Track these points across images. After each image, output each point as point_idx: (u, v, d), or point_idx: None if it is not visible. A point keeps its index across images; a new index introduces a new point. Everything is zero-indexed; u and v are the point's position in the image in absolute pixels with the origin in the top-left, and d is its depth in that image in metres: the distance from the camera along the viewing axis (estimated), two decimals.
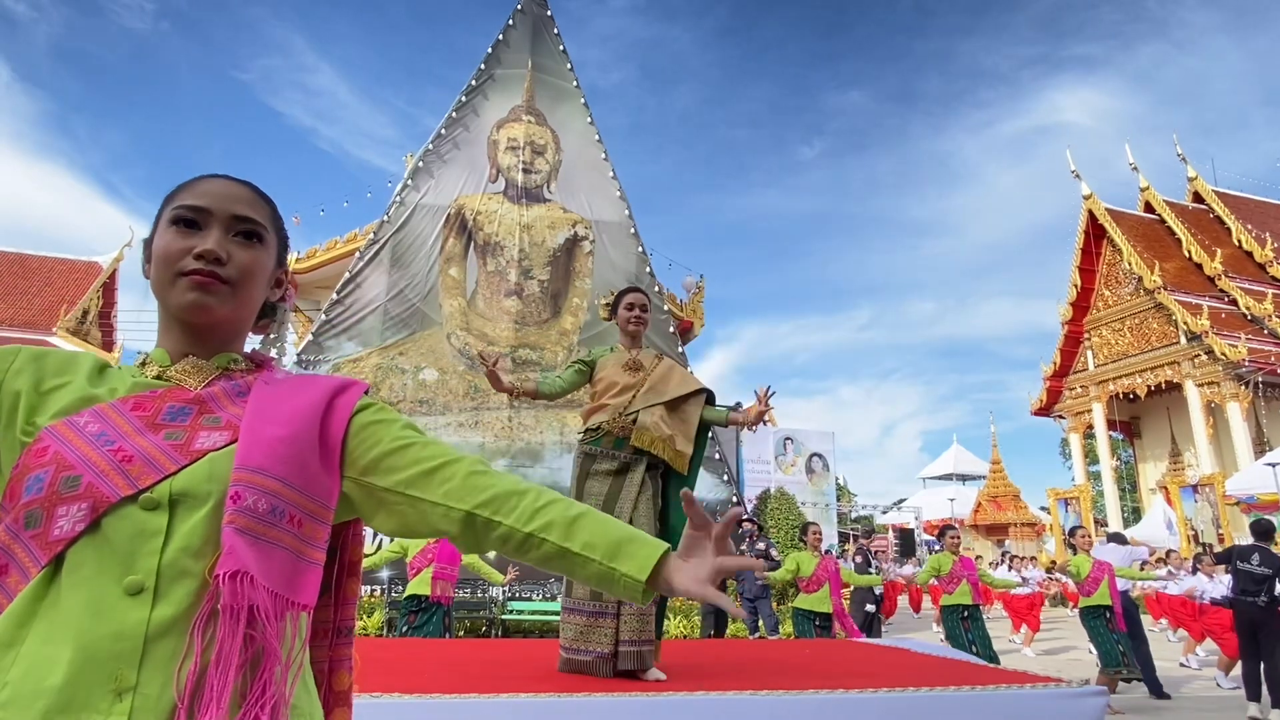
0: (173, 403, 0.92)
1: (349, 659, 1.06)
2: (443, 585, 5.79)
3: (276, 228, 1.05)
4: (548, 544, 0.91)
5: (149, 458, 0.85)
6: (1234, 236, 23.03)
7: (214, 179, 1.00)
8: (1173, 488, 19.24)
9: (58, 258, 21.92)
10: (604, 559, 0.90)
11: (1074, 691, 2.79)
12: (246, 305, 1.00)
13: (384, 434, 0.97)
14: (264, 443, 0.88)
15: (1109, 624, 6.72)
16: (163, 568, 0.80)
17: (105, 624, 0.76)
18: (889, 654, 4.23)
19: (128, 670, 0.76)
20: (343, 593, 1.05)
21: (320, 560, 0.90)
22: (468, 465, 0.95)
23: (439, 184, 13.28)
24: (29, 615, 0.78)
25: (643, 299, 3.47)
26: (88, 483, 0.81)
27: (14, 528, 0.81)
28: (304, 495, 0.89)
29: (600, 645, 3.04)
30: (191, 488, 0.84)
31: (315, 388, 0.99)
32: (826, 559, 6.79)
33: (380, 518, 0.96)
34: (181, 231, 0.95)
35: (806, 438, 21.72)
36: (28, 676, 0.74)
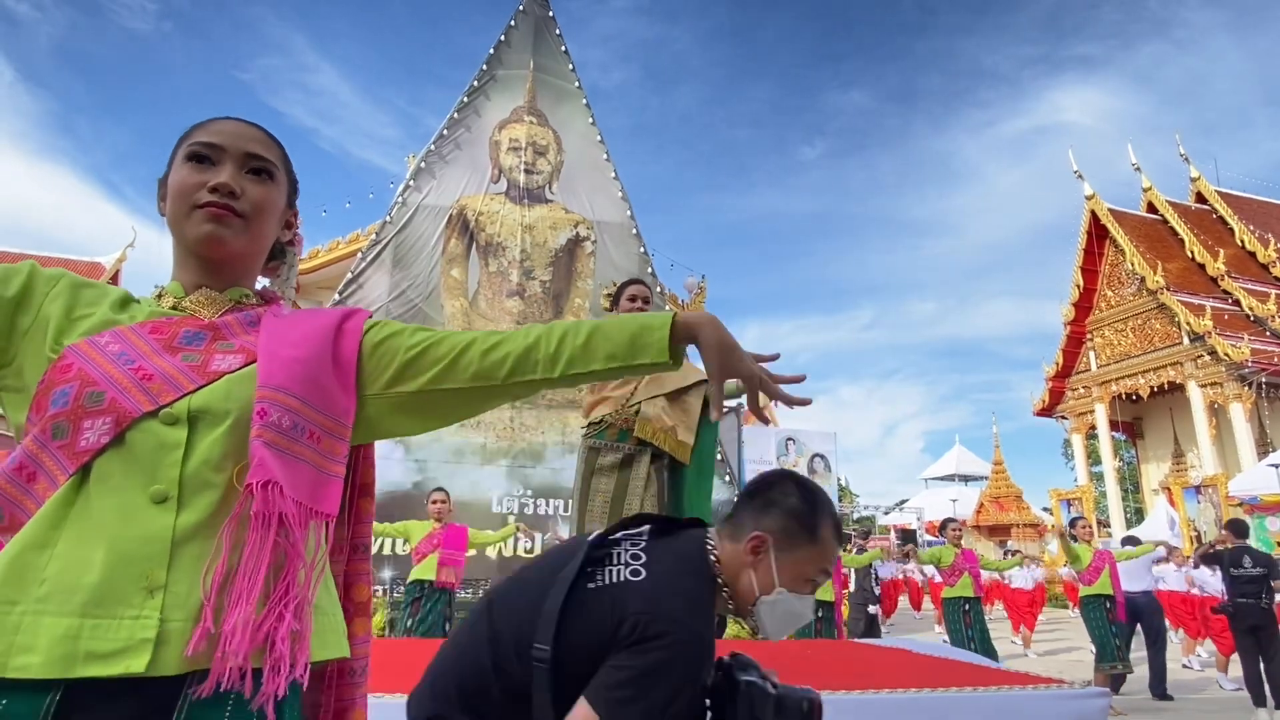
0: (188, 328, 0.97)
1: (366, 573, 1.13)
2: (449, 570, 5.75)
3: (287, 169, 1.09)
4: (580, 374, 1.00)
5: (168, 376, 0.90)
6: (1237, 237, 23.00)
7: (227, 120, 1.04)
8: (1175, 489, 19.21)
9: (61, 258, 21.95)
10: (626, 360, 1.00)
11: (1076, 693, 2.79)
12: (258, 240, 1.05)
13: (399, 344, 1.03)
14: (283, 363, 0.93)
15: (1109, 614, 6.71)
16: (185, 478, 0.85)
17: (134, 528, 0.82)
18: (889, 654, 4.23)
19: (158, 570, 0.81)
20: (356, 510, 1.11)
21: (340, 474, 0.96)
22: (480, 344, 1.02)
23: (441, 184, 13.29)
24: (60, 519, 0.82)
25: (645, 290, 3.48)
26: (111, 398, 0.86)
27: (41, 438, 0.86)
28: (321, 413, 0.94)
29: None
30: (210, 405, 0.89)
31: (323, 315, 1.05)
32: None
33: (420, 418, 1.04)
34: (196, 167, 0.99)
35: (808, 438, 21.74)
36: (65, 573, 0.79)
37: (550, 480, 12.05)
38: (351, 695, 1.06)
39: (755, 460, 20.22)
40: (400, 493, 11.27)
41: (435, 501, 5.91)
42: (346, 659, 1.03)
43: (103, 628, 0.77)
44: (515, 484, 12.00)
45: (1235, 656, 8.49)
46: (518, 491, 11.96)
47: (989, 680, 2.98)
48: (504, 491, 11.90)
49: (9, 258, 21.11)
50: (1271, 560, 6.50)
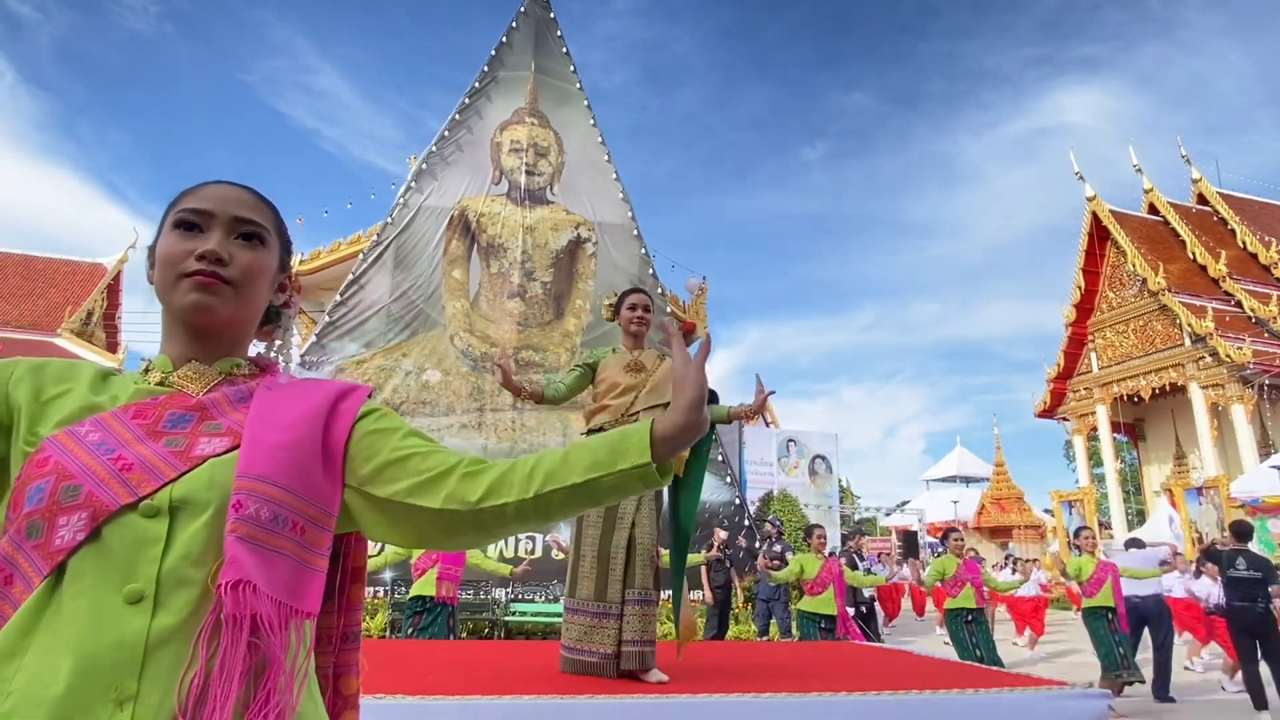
0: (174, 410, 0.92)
1: (356, 664, 1.06)
2: (447, 586, 5.80)
3: (279, 232, 1.05)
4: (558, 492, 0.91)
5: (149, 465, 0.85)
6: (1238, 238, 22.97)
7: (216, 184, 1.01)
8: (1177, 490, 19.17)
9: (62, 259, 21.97)
10: (609, 469, 0.90)
11: (1077, 694, 2.79)
12: (249, 307, 1.00)
13: (384, 444, 0.96)
14: (266, 450, 0.88)
15: (1111, 625, 6.70)
16: (163, 576, 0.80)
17: (106, 633, 0.76)
18: (891, 657, 4.23)
19: (128, 680, 0.76)
20: (347, 598, 1.05)
21: (323, 567, 0.90)
22: (463, 468, 0.94)
23: (442, 186, 13.30)
24: (31, 625, 0.78)
25: (645, 300, 3.48)
26: (88, 491, 0.81)
27: (17, 538, 0.81)
28: (306, 502, 0.89)
29: (604, 645, 3.05)
30: (192, 494, 0.84)
31: (318, 393, 0.99)
32: (830, 561, 6.80)
33: (383, 528, 0.96)
34: (184, 234, 0.96)
35: (809, 439, 21.69)
36: (30, 686, 0.74)
37: None
38: None
39: (756, 461, 20.20)
40: None
41: None
42: None
43: None
44: None
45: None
46: None
47: (991, 682, 2.98)
48: None
49: (10, 259, 21.13)
50: (1268, 564, 6.45)
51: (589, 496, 0.92)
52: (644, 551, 3.14)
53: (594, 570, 3.15)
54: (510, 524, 0.93)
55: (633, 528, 3.15)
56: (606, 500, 0.94)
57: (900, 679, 3.03)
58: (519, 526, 0.94)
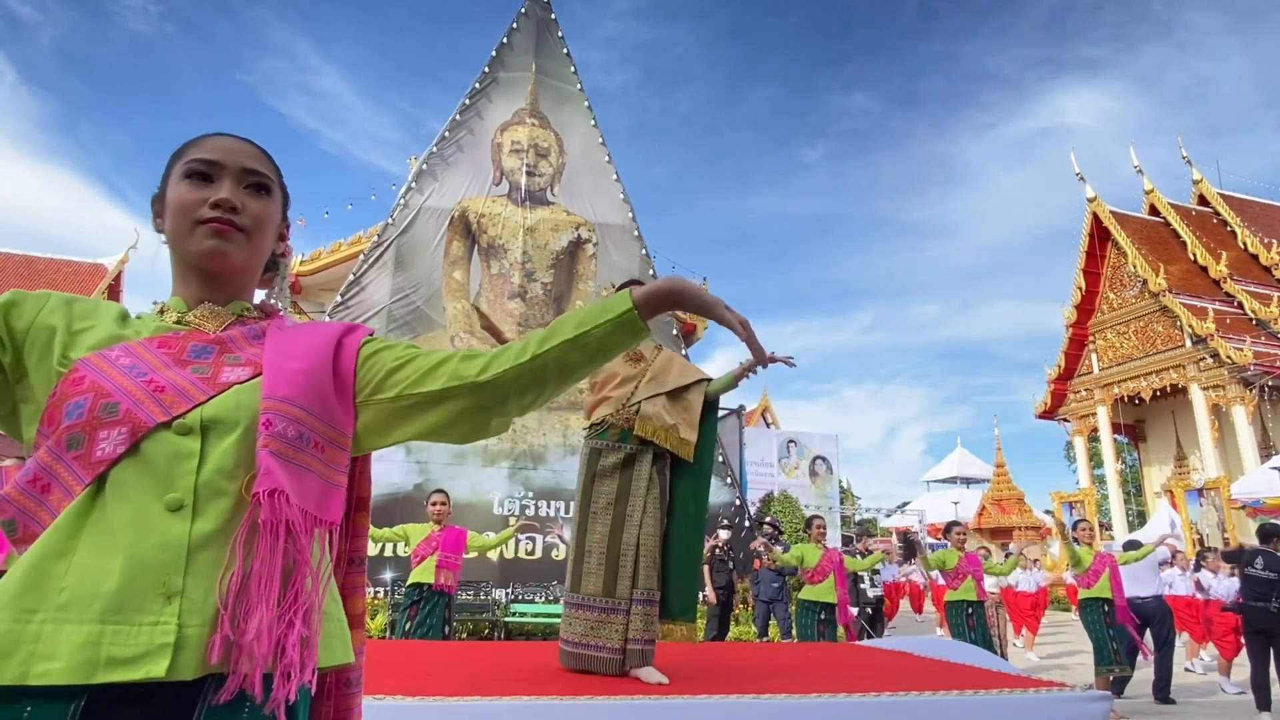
0: (196, 342, 1.00)
1: (362, 585, 1.15)
2: (446, 574, 5.78)
3: (280, 182, 1.12)
4: (551, 350, 0.98)
5: (179, 388, 0.92)
6: (1239, 239, 22.95)
7: (221, 136, 1.07)
8: (1178, 491, 19.16)
9: (63, 259, 21.99)
10: (596, 321, 0.98)
11: (1078, 696, 2.79)
12: (258, 253, 1.08)
13: (388, 355, 1.05)
14: (287, 375, 0.96)
15: (1106, 617, 6.68)
16: (199, 487, 0.87)
17: (151, 536, 0.84)
18: (892, 657, 4.22)
19: (174, 576, 0.83)
20: (353, 525, 1.13)
21: (343, 483, 0.99)
22: (460, 355, 1.03)
23: (443, 187, 13.30)
24: (77, 528, 0.84)
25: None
26: (126, 409, 0.88)
27: (56, 449, 0.88)
28: (325, 423, 0.97)
29: (611, 640, 3.06)
30: (221, 415, 0.92)
31: (326, 329, 1.08)
32: (830, 551, 6.81)
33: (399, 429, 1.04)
34: (196, 184, 1.02)
35: (810, 440, 21.69)
36: (84, 581, 0.81)
37: (552, 482, 12.06)
38: (349, 704, 1.08)
39: (756, 462, 20.20)
40: (401, 495, 11.28)
41: (434, 504, 5.92)
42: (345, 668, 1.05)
43: (123, 634, 0.79)
44: (516, 486, 12.01)
45: (1238, 661, 8.48)
46: (519, 493, 11.96)
47: (990, 683, 2.98)
48: (505, 493, 11.91)
49: (11, 260, 21.15)
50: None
51: (580, 350, 0.99)
52: (648, 552, 3.15)
53: (601, 567, 3.15)
54: (511, 395, 1.00)
55: (639, 527, 3.16)
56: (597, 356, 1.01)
57: (901, 680, 3.02)
58: (519, 399, 1.02)
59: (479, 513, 11.41)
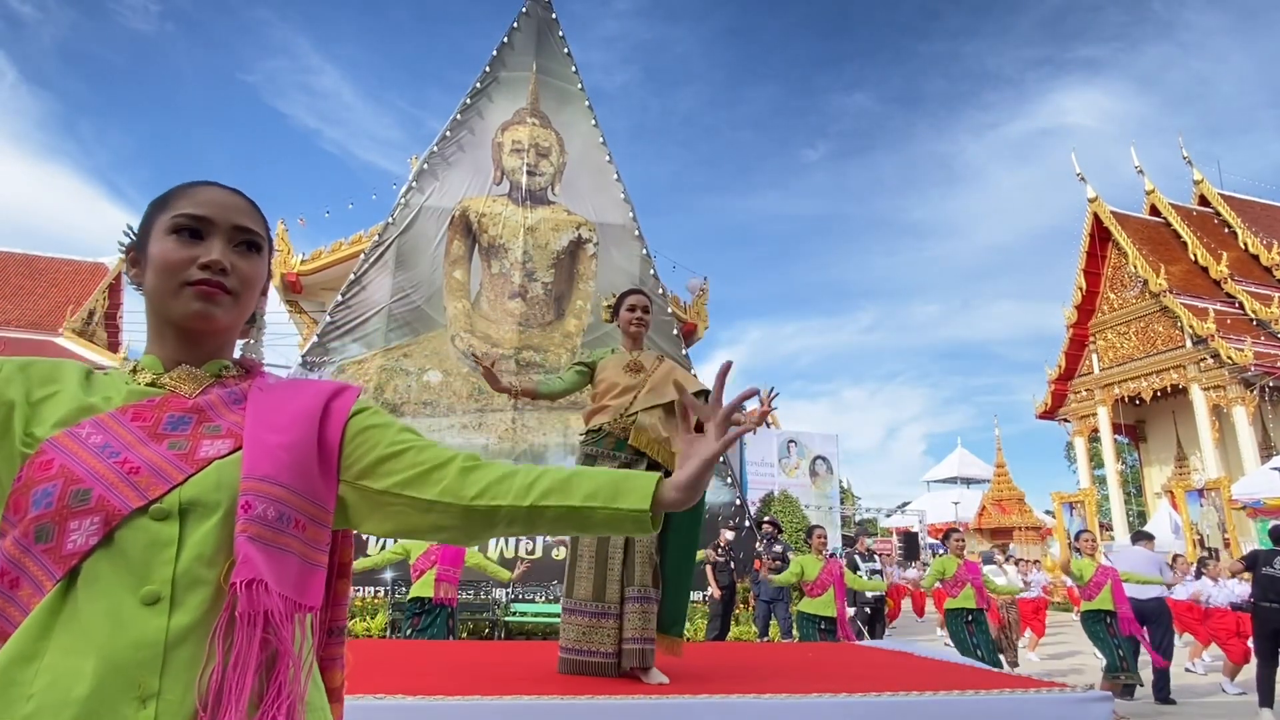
0: (172, 412, 0.93)
1: (341, 657, 1.09)
2: (446, 587, 5.81)
3: (268, 237, 1.07)
4: (551, 509, 0.94)
5: (156, 468, 0.86)
6: (1240, 240, 22.94)
7: (210, 187, 1.01)
8: (1178, 492, 19.15)
9: (64, 259, 22.00)
10: (606, 503, 0.94)
11: (1079, 697, 2.78)
12: (244, 314, 1.02)
13: (380, 438, 0.98)
14: (269, 450, 0.89)
15: (1109, 629, 6.67)
16: (178, 577, 0.82)
17: (126, 634, 0.78)
18: (892, 658, 4.22)
19: (150, 677, 0.77)
20: (333, 594, 1.07)
21: (324, 563, 0.93)
22: (460, 462, 0.97)
23: (443, 186, 13.30)
24: (47, 628, 0.78)
25: (644, 301, 3.47)
26: (98, 496, 0.82)
27: (24, 542, 0.81)
28: (307, 500, 0.91)
29: (604, 645, 3.04)
30: (200, 496, 0.86)
31: (310, 392, 1.01)
32: (831, 563, 6.79)
33: (377, 520, 0.98)
34: (184, 241, 0.96)
35: (810, 440, 21.71)
36: (53, 688, 0.75)
37: None
38: None
39: (756, 462, 20.22)
40: None
41: None
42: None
43: None
44: None
45: (1243, 664, 8.47)
46: None
47: (992, 684, 2.98)
48: None
49: (12, 259, 21.15)
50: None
51: (580, 523, 0.95)
52: (643, 549, 3.13)
53: (591, 570, 3.14)
54: (498, 526, 0.96)
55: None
56: (595, 532, 0.98)
57: (902, 680, 3.02)
58: (505, 531, 0.97)
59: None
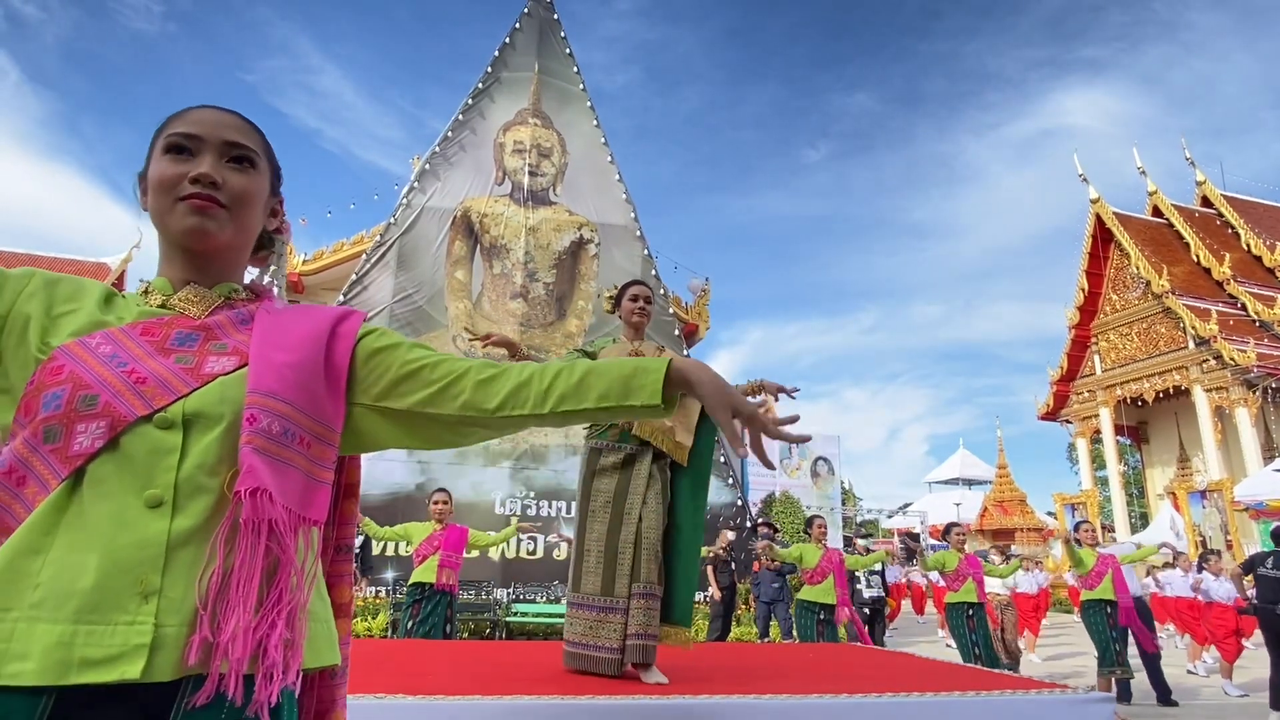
0: (180, 329, 0.96)
1: (349, 573, 1.13)
2: (448, 573, 5.80)
3: (268, 156, 1.07)
4: (572, 412, 0.98)
5: (162, 380, 0.88)
6: (1243, 241, 22.91)
7: (204, 108, 1.02)
8: (1180, 493, 19.13)
9: (67, 258, 22.01)
10: (619, 401, 0.97)
11: (1080, 698, 2.78)
12: (244, 231, 1.03)
13: (393, 359, 1.01)
14: (274, 368, 0.92)
15: (1109, 619, 6.66)
16: (180, 483, 0.84)
17: (129, 533, 0.81)
18: (893, 658, 4.21)
19: (152, 575, 0.80)
20: (341, 512, 1.11)
21: (329, 480, 0.96)
22: (475, 374, 0.99)
23: (445, 187, 13.31)
24: (53, 524, 0.81)
25: (646, 291, 3.49)
26: (105, 401, 0.85)
27: (32, 441, 0.85)
28: (312, 419, 0.93)
29: (610, 640, 3.04)
30: (204, 409, 0.88)
31: (318, 315, 1.03)
32: (831, 551, 6.78)
33: (407, 437, 1.02)
34: (176, 158, 0.97)
35: (811, 441, 21.69)
36: (59, 579, 0.78)
37: (553, 482, 12.05)
38: (332, 695, 1.06)
39: (757, 463, 20.17)
40: (403, 494, 11.28)
41: (436, 503, 5.93)
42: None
43: (97, 634, 0.77)
44: (518, 485, 12.01)
45: (1239, 664, 8.45)
46: (521, 493, 11.96)
47: (992, 685, 2.97)
48: (507, 493, 11.91)
49: (15, 259, 21.18)
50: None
51: (602, 416, 0.99)
52: (649, 545, 3.13)
53: (599, 565, 3.14)
54: (522, 428, 1.02)
55: (639, 521, 3.14)
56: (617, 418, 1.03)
57: (902, 681, 3.02)
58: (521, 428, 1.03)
59: (481, 512, 11.40)
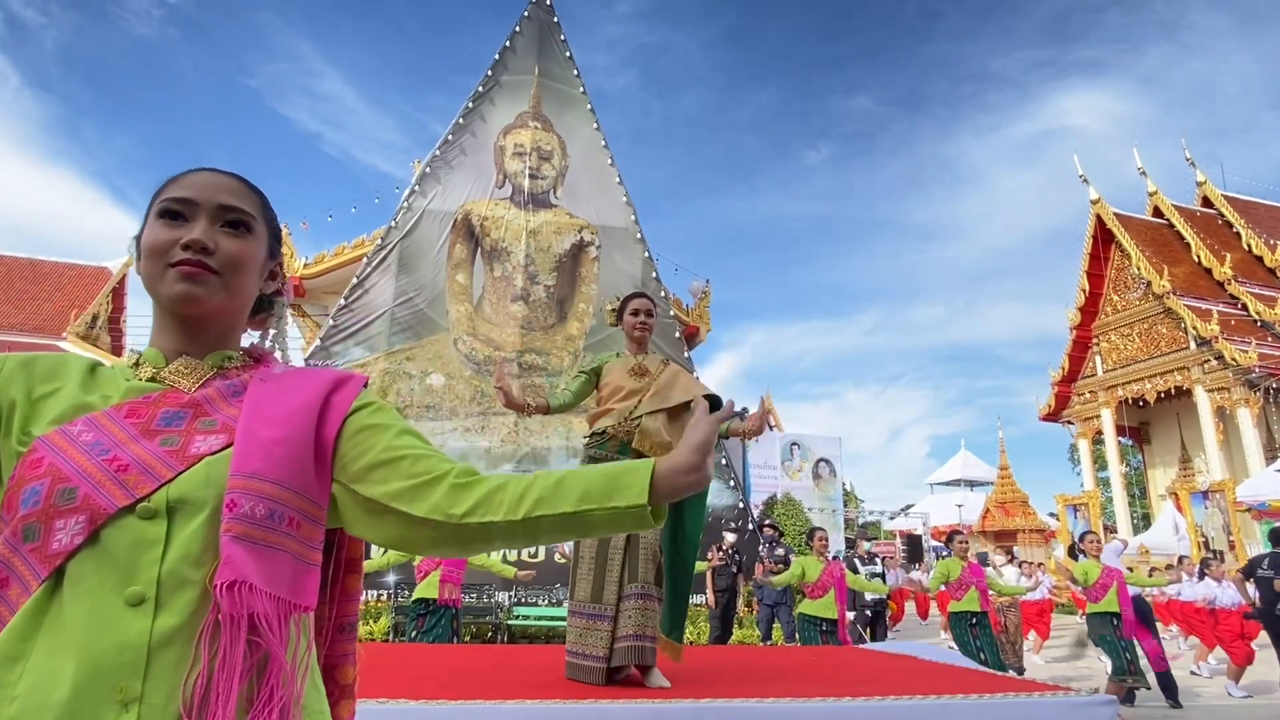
0: (168, 408, 0.91)
1: (352, 654, 1.06)
2: (450, 588, 5.82)
3: (267, 218, 1.03)
4: (546, 518, 0.89)
5: (145, 466, 0.84)
6: (1244, 241, 22.88)
7: (201, 171, 0.99)
8: (1183, 494, 19.09)
9: (68, 263, 22.03)
10: (601, 503, 0.89)
11: (1083, 701, 2.77)
12: (238, 296, 0.99)
13: (376, 441, 0.95)
14: (261, 445, 0.87)
15: (1116, 631, 6.65)
16: (163, 577, 0.80)
17: (108, 635, 0.76)
18: (895, 661, 4.20)
19: (132, 681, 0.75)
20: (342, 589, 1.05)
21: (319, 561, 0.90)
22: (453, 478, 0.92)
23: (446, 190, 13.32)
24: (33, 629, 0.77)
25: (649, 304, 3.47)
26: (84, 494, 0.80)
27: (13, 541, 0.80)
28: (301, 497, 0.88)
29: (596, 649, 3.03)
30: (189, 494, 0.83)
31: (312, 383, 0.98)
32: (832, 564, 6.77)
33: (368, 526, 0.94)
34: (169, 224, 0.95)
35: (813, 443, 21.67)
36: (35, 691, 0.74)
37: None
38: None
39: (760, 465, 20.18)
40: None
41: None
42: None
43: None
44: None
45: (1246, 666, 8.42)
46: None
47: (996, 688, 2.96)
48: None
49: (17, 263, 21.21)
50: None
51: (579, 527, 0.90)
52: (646, 547, 3.12)
53: (591, 572, 3.14)
54: (494, 541, 0.92)
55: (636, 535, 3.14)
56: (597, 533, 0.92)
57: (905, 684, 3.01)
58: (505, 544, 0.93)
59: None
